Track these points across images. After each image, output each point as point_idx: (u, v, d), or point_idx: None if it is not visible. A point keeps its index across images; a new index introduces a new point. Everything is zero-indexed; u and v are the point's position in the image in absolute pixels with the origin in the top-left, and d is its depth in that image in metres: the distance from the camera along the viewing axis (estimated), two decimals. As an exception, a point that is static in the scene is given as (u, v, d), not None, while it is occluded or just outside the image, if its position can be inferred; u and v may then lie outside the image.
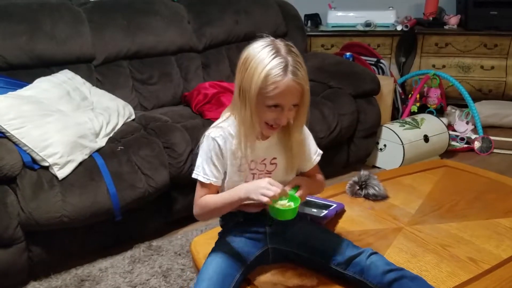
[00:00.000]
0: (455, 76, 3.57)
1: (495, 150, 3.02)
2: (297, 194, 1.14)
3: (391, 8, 3.72)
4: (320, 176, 1.31)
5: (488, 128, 3.38)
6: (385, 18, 3.68)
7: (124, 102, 2.22)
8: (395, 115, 3.16)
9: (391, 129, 2.71)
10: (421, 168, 1.81)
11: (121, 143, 1.96)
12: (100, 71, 2.38)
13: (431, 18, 3.69)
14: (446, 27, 3.66)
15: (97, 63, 2.38)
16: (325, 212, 1.42)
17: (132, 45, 2.44)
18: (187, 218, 2.11)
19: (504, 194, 1.60)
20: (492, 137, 3.04)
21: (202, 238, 1.36)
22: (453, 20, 3.65)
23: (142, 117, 2.16)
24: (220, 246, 1.19)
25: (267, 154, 1.20)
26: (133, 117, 2.18)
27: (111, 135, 2.01)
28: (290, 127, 1.17)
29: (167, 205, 2.06)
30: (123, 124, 2.10)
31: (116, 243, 1.98)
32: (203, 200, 1.17)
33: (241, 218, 1.22)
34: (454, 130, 3.14)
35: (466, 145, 3.05)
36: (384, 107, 2.91)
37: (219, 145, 1.15)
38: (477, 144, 3.00)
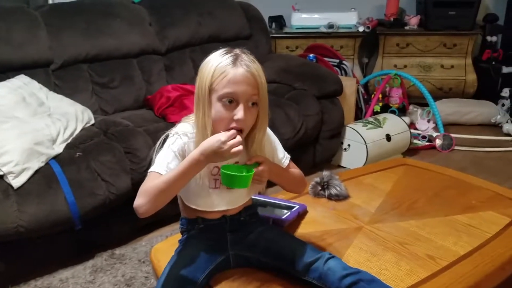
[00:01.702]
0: (416, 75, 3.65)
1: (456, 147, 3.10)
2: (257, 168, 1.11)
3: (353, 9, 3.77)
4: (297, 171, 1.30)
5: (449, 125, 3.47)
6: (348, 19, 3.72)
7: (83, 107, 2.16)
8: (359, 115, 3.20)
9: (354, 129, 2.74)
10: (382, 167, 1.83)
11: (79, 149, 1.91)
12: (58, 75, 2.32)
13: (392, 19, 3.76)
14: (407, 27, 3.73)
15: (55, 67, 2.31)
16: (287, 214, 1.41)
17: (91, 48, 2.38)
18: (151, 224, 2.08)
19: (463, 190, 1.64)
20: (453, 135, 3.11)
21: (163, 246, 1.34)
22: (413, 21, 3.73)
23: (102, 122, 2.11)
24: (180, 253, 1.17)
25: (229, 160, 1.18)
26: (92, 122, 2.13)
27: (69, 141, 1.96)
28: (253, 130, 1.16)
29: (130, 212, 2.00)
30: (82, 130, 2.05)
31: (78, 252, 1.92)
32: (148, 184, 1.05)
33: (201, 224, 1.20)
34: (416, 129, 3.20)
35: (428, 143, 3.12)
36: (348, 107, 2.95)
37: (184, 144, 1.12)
38: (438, 142, 3.07)
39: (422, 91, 3.20)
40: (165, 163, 1.09)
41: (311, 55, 3.13)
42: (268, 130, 1.25)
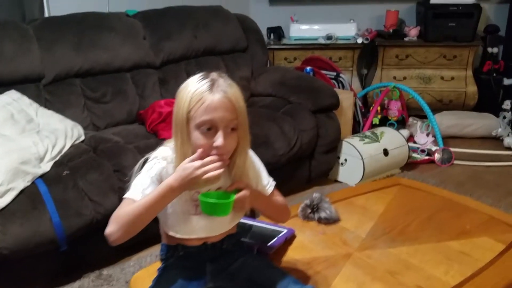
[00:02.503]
0: (416, 87, 3.61)
1: (455, 161, 3.04)
2: (237, 195, 1.07)
3: (352, 21, 3.74)
4: (280, 199, 1.26)
5: (449, 138, 3.41)
6: (346, 31, 3.69)
7: (73, 123, 2.13)
8: (357, 129, 3.15)
9: (351, 144, 2.69)
10: (375, 187, 1.79)
11: (67, 167, 1.87)
12: (49, 90, 2.29)
13: (391, 30, 3.72)
14: (406, 39, 3.69)
15: (46, 82, 2.29)
16: (273, 240, 1.37)
17: (84, 63, 2.36)
18: (140, 243, 2.03)
19: (458, 213, 1.59)
20: (452, 149, 3.06)
21: (143, 274, 1.30)
22: (413, 32, 3.69)
23: (92, 139, 2.08)
24: (158, 285, 1.13)
25: (212, 185, 1.14)
26: (82, 138, 2.10)
27: (57, 158, 1.92)
28: (234, 155, 1.12)
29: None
30: (71, 147, 2.01)
31: (65, 273, 1.88)
32: (120, 211, 1.04)
33: (181, 252, 1.16)
34: (415, 142, 3.15)
35: (427, 157, 3.07)
36: (345, 121, 2.90)
37: (162, 168, 1.09)
38: (437, 156, 3.02)
39: (421, 104, 3.15)
40: (140, 189, 1.07)
41: (308, 68, 3.09)
42: (253, 155, 1.22)
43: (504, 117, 3.53)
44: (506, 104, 3.55)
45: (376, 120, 3.26)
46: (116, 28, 2.48)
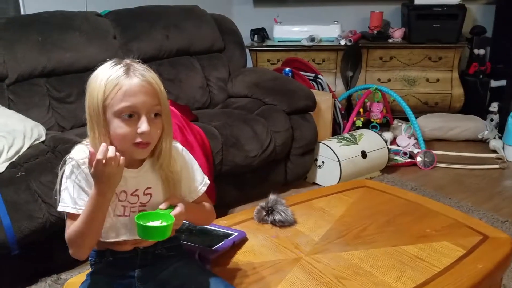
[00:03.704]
0: (400, 89, 3.55)
1: (438, 164, 2.97)
2: (173, 213, 1.00)
3: (335, 22, 3.68)
4: (207, 205, 1.19)
5: (434, 141, 3.35)
6: (330, 32, 3.64)
7: (34, 123, 2.07)
8: (337, 131, 3.09)
9: (328, 146, 2.63)
10: (338, 189, 1.72)
11: (23, 168, 1.81)
12: (12, 90, 2.24)
13: (375, 32, 3.66)
14: (390, 40, 3.63)
15: (9, 82, 2.23)
16: (218, 244, 1.30)
17: (48, 62, 2.30)
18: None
19: (419, 216, 1.52)
20: (435, 151, 2.99)
21: (77, 280, 1.22)
22: (397, 34, 3.63)
23: (51, 139, 2.02)
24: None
25: (139, 184, 1.07)
26: (42, 138, 2.04)
27: (13, 159, 1.86)
28: (158, 147, 1.05)
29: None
30: (29, 147, 1.95)
31: (20, 278, 1.82)
32: (70, 232, 0.99)
33: (109, 257, 1.09)
34: (398, 145, 3.08)
35: (409, 160, 3.00)
36: (323, 123, 2.84)
37: (83, 166, 1.00)
38: (419, 159, 2.95)
39: (402, 106, 3.09)
40: (70, 199, 1.01)
41: (287, 69, 3.03)
42: (185, 152, 1.15)
43: (492, 120, 3.46)
44: (493, 107, 3.48)
45: (359, 123, 3.20)
46: (82, 28, 2.42)
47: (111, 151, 0.93)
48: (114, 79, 0.96)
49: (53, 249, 1.87)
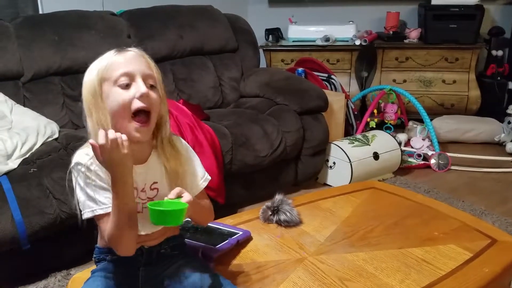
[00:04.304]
0: (416, 90, 3.51)
1: (452, 167, 2.92)
2: (184, 200, 1.00)
3: (351, 22, 3.66)
4: (207, 202, 1.19)
5: (449, 143, 3.30)
6: (345, 32, 3.61)
7: (48, 120, 2.11)
8: (350, 131, 3.07)
9: (339, 147, 2.61)
10: (346, 190, 1.71)
11: (36, 165, 1.84)
12: (28, 88, 2.28)
13: (391, 32, 3.62)
14: (406, 41, 3.59)
15: (25, 80, 2.27)
16: (222, 243, 1.30)
17: (63, 61, 2.34)
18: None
19: (427, 219, 1.50)
20: (449, 154, 2.95)
21: (83, 276, 1.24)
22: (413, 34, 3.58)
23: (64, 136, 2.05)
24: (86, 288, 1.07)
25: (146, 179, 1.08)
26: (56, 136, 2.07)
27: (26, 156, 1.90)
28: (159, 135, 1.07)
29: (86, 231, 1.93)
30: (42, 144, 1.98)
31: (31, 272, 1.85)
32: (107, 234, 0.99)
33: (114, 255, 1.10)
34: (412, 147, 3.05)
35: (422, 162, 2.96)
36: (335, 123, 2.82)
37: (92, 166, 1.00)
38: (433, 161, 2.91)
39: (417, 107, 3.05)
40: (95, 203, 1.00)
41: (300, 69, 3.03)
42: (187, 145, 1.16)
43: (509, 122, 3.39)
44: (511, 109, 3.41)
45: (373, 124, 3.17)
46: (97, 27, 2.45)
47: (111, 133, 0.91)
48: (107, 58, 1.02)
49: (63, 245, 1.90)
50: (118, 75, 0.99)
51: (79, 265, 1.94)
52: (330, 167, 2.69)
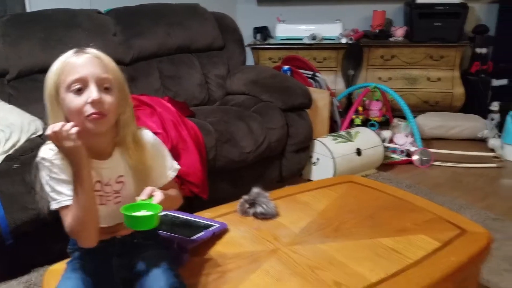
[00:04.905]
0: (401, 88, 3.55)
1: (435, 163, 2.97)
2: (156, 201, 1.02)
3: (337, 21, 3.70)
4: (175, 190, 1.21)
5: (434, 140, 3.34)
6: (332, 31, 3.66)
7: (32, 118, 2.13)
8: (335, 128, 3.10)
9: (323, 143, 2.65)
10: (324, 184, 1.74)
11: (19, 161, 1.86)
12: (13, 86, 2.30)
13: (377, 31, 3.66)
14: (392, 39, 3.63)
15: (10, 77, 2.29)
16: (198, 235, 1.33)
17: (49, 59, 2.23)
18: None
19: (401, 211, 1.54)
20: (433, 150, 2.99)
21: (59, 267, 1.26)
22: (399, 32, 3.63)
23: (48, 133, 2.06)
24: (63, 281, 1.09)
25: (112, 174, 1.11)
26: (39, 132, 2.09)
27: (9, 152, 1.92)
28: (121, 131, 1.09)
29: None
30: (26, 141, 2.01)
31: (13, 267, 1.87)
32: (68, 223, 1.02)
33: (86, 246, 1.13)
34: (396, 143, 3.09)
35: (406, 158, 3.00)
36: (320, 120, 2.86)
37: (55, 160, 1.03)
38: (415, 157, 2.95)
39: (401, 104, 3.09)
40: (59, 194, 1.04)
41: (286, 67, 3.06)
42: (154, 138, 1.18)
43: (492, 119, 3.44)
44: (494, 106, 3.46)
45: (358, 121, 3.21)
46: (84, 25, 2.48)
47: (58, 124, 0.95)
48: (64, 60, 1.04)
49: (47, 240, 1.92)
50: (70, 81, 1.00)
51: (63, 260, 1.96)
52: (314, 163, 2.73)
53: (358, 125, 3.16)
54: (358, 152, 2.68)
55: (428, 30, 3.51)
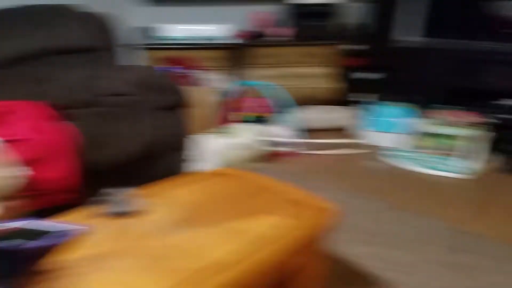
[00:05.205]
0: (283, 85, 3.68)
1: (311, 152, 3.15)
2: None
3: (225, 22, 3.76)
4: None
5: (312, 131, 3.54)
6: (219, 31, 3.71)
7: None
8: (215, 125, 3.14)
9: (201, 140, 2.65)
10: (194, 178, 1.73)
11: None
12: None
13: (260, 31, 3.79)
14: (273, 39, 3.77)
15: None
16: (36, 242, 1.24)
17: None
18: None
19: (263, 197, 1.56)
20: (307, 140, 3.18)
21: None
22: (280, 32, 3.78)
23: None
24: None
25: None
26: None
27: None
28: None
29: None
30: None
31: None
32: None
33: None
34: (276, 136, 3.21)
35: (283, 150, 3.13)
36: (198, 118, 2.86)
37: None
38: (289, 148, 3.10)
39: (280, 100, 3.21)
40: None
41: (166, 66, 3.03)
42: None
43: (360, 110, 3.71)
44: (369, 98, 3.72)
45: (238, 117, 3.28)
46: None
47: None
48: None
49: None
50: None
51: None
52: (194, 160, 2.72)
53: (239, 122, 3.23)
54: (237, 146, 2.72)
55: (306, 29, 3.72)
